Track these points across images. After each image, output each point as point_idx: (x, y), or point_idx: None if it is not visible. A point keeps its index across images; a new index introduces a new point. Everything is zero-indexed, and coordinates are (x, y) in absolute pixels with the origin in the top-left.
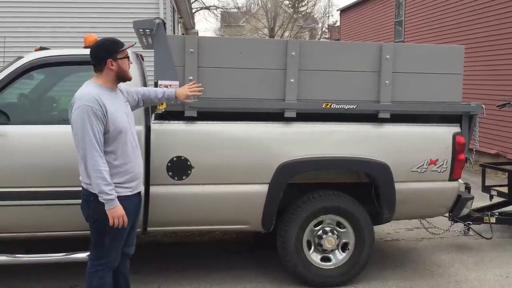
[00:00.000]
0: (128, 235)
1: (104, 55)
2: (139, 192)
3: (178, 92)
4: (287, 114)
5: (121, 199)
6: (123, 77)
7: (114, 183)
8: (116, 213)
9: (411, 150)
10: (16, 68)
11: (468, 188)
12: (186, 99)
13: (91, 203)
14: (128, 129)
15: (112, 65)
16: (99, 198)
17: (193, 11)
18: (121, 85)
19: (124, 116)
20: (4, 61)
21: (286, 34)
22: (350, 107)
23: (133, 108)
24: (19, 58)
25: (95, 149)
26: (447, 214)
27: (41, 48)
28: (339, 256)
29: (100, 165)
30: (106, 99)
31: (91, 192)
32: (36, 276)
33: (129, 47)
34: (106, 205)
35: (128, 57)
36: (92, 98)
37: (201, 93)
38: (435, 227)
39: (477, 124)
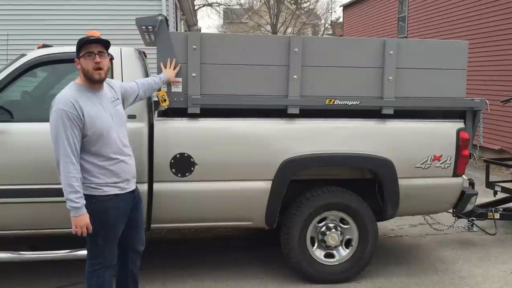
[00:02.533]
0: (135, 231)
1: (76, 55)
2: (133, 190)
3: (167, 74)
4: (290, 111)
5: (110, 197)
6: (89, 77)
7: (102, 183)
8: (80, 222)
9: (414, 146)
10: (19, 66)
11: (472, 184)
12: (175, 79)
13: None
14: (114, 129)
15: (78, 64)
16: (66, 204)
17: (196, 8)
18: (114, 81)
19: (107, 117)
20: (7, 59)
21: (289, 30)
22: (354, 103)
23: (134, 101)
24: (22, 55)
25: (67, 156)
26: (451, 210)
27: (44, 46)
28: (343, 253)
29: (70, 171)
30: (84, 101)
31: None
32: (39, 273)
33: (87, 39)
34: (71, 212)
35: (85, 55)
36: (67, 102)
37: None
38: (439, 223)
39: (481, 120)
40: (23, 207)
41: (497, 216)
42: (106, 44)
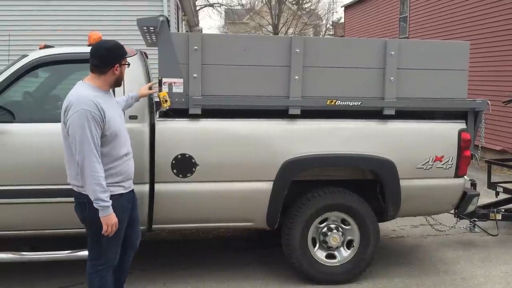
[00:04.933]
0: (133, 229)
1: (114, 59)
2: (132, 190)
3: (140, 91)
4: (292, 111)
5: (115, 197)
6: (120, 82)
7: (108, 183)
8: (111, 220)
9: (416, 147)
10: (21, 66)
11: (473, 184)
12: (149, 90)
13: (86, 205)
14: (122, 129)
15: (117, 70)
16: (94, 204)
17: (197, 8)
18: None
19: (118, 118)
20: (8, 59)
21: (290, 31)
22: (355, 104)
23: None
24: (24, 56)
25: (93, 155)
26: (452, 211)
27: (46, 46)
28: (344, 253)
29: (98, 171)
30: (103, 103)
31: (85, 194)
32: (40, 274)
33: (131, 56)
34: (101, 212)
35: (129, 64)
36: (90, 102)
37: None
38: (441, 224)
39: (483, 121)
40: (25, 208)
41: (499, 217)
42: None
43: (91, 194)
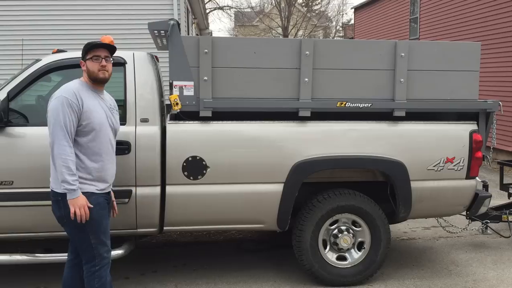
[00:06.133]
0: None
1: (81, 57)
2: (108, 193)
3: None
4: (302, 113)
5: (88, 194)
6: (93, 78)
7: (80, 177)
8: (78, 202)
9: (427, 148)
10: (34, 71)
11: (485, 186)
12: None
13: (61, 203)
14: (107, 127)
15: (83, 66)
16: (61, 187)
17: (207, 11)
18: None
19: (103, 114)
20: (22, 64)
21: (300, 33)
22: (365, 105)
23: None
24: (37, 60)
25: (65, 139)
26: (464, 213)
27: (59, 51)
28: (355, 255)
29: (67, 154)
30: (85, 94)
31: (58, 192)
32: (54, 276)
33: (95, 44)
34: (68, 195)
35: (92, 58)
36: (70, 91)
37: None
38: (453, 225)
39: (495, 122)
40: (40, 210)
41: (511, 218)
42: (112, 49)
43: (58, 177)
